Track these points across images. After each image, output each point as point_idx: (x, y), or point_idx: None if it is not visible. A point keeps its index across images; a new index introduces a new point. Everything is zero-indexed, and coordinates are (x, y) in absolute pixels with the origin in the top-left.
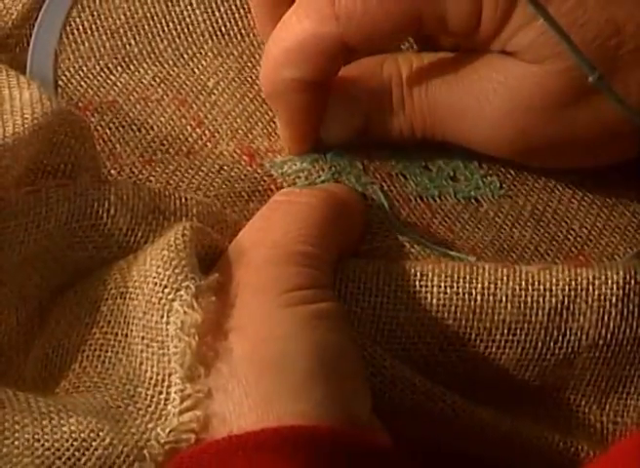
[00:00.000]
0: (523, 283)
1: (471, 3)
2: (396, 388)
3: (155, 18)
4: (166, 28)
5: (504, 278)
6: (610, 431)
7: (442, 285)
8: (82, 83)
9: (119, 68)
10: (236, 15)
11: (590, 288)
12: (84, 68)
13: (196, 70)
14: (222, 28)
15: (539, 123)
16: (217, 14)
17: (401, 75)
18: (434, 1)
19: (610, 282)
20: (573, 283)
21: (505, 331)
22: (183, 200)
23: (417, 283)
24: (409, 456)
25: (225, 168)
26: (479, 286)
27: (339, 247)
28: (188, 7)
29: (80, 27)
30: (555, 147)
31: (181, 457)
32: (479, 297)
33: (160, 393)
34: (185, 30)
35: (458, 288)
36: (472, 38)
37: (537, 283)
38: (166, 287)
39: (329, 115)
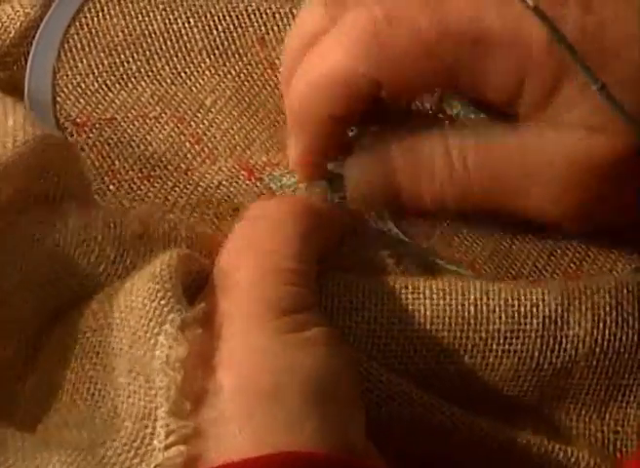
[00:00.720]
0: (515, 293)
1: (514, 77)
2: (394, 402)
3: (153, 35)
4: (164, 46)
5: (496, 290)
6: (611, 441)
7: (434, 297)
8: (80, 100)
9: (117, 85)
10: (234, 33)
11: (583, 297)
12: (82, 85)
13: (194, 88)
14: (220, 47)
15: (593, 197)
16: (214, 32)
17: (448, 147)
18: (473, 69)
19: (602, 291)
20: (565, 292)
21: (501, 341)
22: (172, 224)
23: (409, 296)
24: None
25: (224, 183)
26: (472, 297)
27: (319, 255)
28: (186, 25)
29: (78, 45)
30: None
31: None
32: (472, 308)
33: (146, 427)
34: (183, 48)
35: (450, 299)
36: (513, 108)
37: (529, 293)
38: (151, 320)
39: (362, 176)
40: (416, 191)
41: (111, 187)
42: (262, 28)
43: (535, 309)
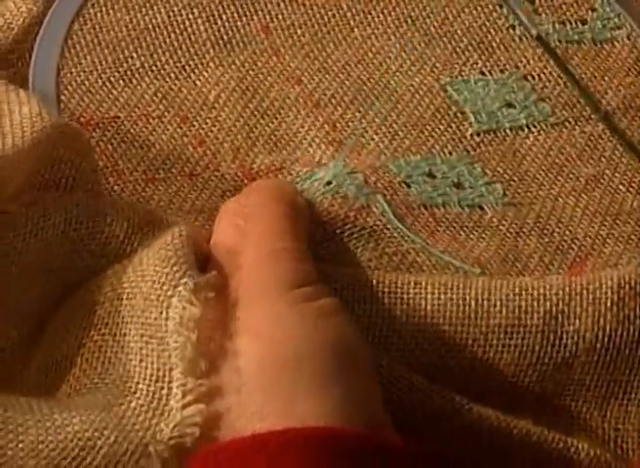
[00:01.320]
0: (517, 289)
1: None
2: (394, 387)
3: (157, 29)
4: (167, 40)
5: (498, 285)
6: (611, 438)
7: (436, 292)
8: (84, 98)
9: (121, 82)
10: (238, 22)
11: (584, 292)
12: (86, 83)
13: (198, 83)
14: (224, 37)
15: None
16: (219, 22)
17: None
18: None
19: (604, 287)
20: (567, 288)
21: (502, 336)
22: (174, 220)
23: (411, 290)
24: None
25: (228, 194)
26: (473, 292)
27: (306, 235)
28: (190, 16)
29: (82, 41)
30: None
31: (205, 453)
32: (473, 303)
33: (162, 389)
34: (187, 41)
35: (452, 294)
36: None
37: (530, 288)
38: (164, 284)
39: None
40: None
41: (116, 188)
42: (267, 16)
43: (536, 304)
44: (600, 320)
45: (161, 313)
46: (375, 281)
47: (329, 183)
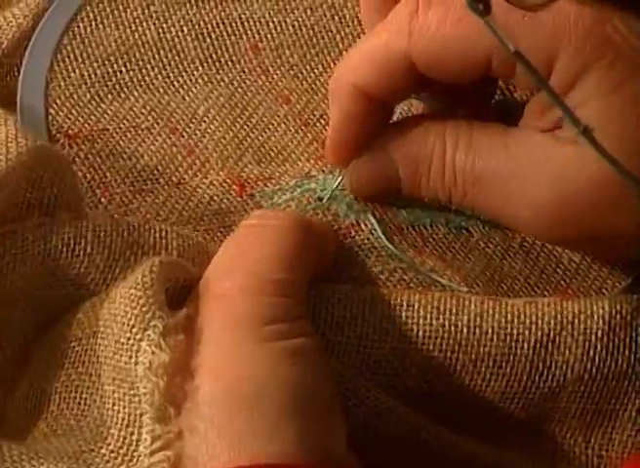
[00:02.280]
0: (509, 315)
1: (546, 53)
2: (380, 419)
3: (146, 45)
4: (157, 56)
5: (490, 310)
6: (594, 464)
7: (428, 316)
8: (72, 111)
9: (109, 96)
10: (227, 41)
11: (576, 321)
12: (74, 96)
13: (186, 98)
14: (213, 55)
15: (580, 214)
16: (207, 40)
17: (445, 148)
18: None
19: (596, 316)
20: (559, 316)
21: (491, 364)
22: (163, 233)
23: (403, 314)
24: None
25: (215, 198)
26: (465, 318)
27: (312, 267)
28: (179, 34)
29: (71, 55)
30: (594, 239)
31: None
32: (465, 330)
33: (132, 434)
34: (176, 58)
35: (444, 320)
36: (538, 92)
37: (522, 316)
38: (134, 326)
39: (363, 170)
40: (415, 187)
41: (103, 200)
42: (256, 36)
43: (527, 333)
44: (590, 350)
45: (130, 357)
46: (367, 301)
47: (320, 199)
